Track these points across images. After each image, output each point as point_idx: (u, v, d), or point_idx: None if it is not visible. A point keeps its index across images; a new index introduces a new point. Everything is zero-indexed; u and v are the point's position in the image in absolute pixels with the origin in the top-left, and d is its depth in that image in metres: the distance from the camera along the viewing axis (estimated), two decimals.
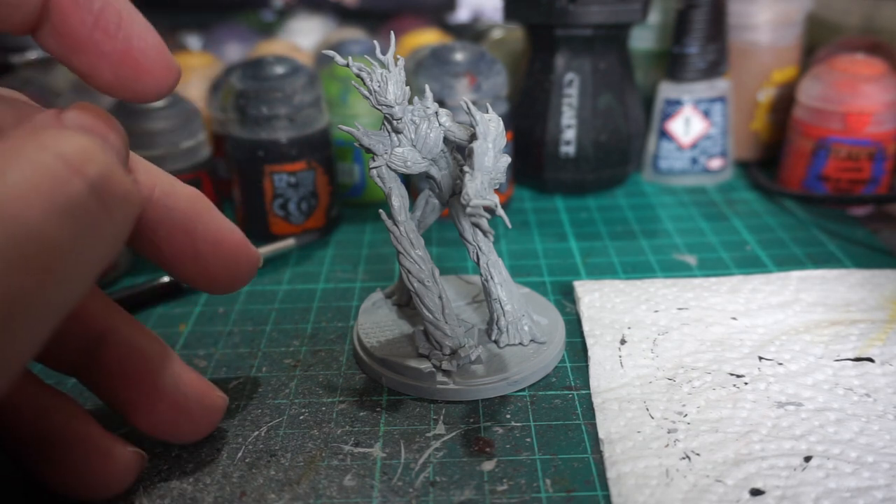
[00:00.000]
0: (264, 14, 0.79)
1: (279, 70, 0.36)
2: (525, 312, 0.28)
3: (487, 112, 0.24)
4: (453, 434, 0.24)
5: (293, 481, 0.23)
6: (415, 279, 0.26)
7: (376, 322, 0.30)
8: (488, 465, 0.23)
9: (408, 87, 0.25)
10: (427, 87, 0.26)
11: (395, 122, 0.25)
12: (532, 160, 0.44)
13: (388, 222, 0.26)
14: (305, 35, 0.70)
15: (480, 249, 0.26)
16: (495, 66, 0.39)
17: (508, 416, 0.25)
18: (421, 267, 0.26)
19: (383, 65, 0.25)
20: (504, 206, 0.42)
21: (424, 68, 0.39)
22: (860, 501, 0.21)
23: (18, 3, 0.19)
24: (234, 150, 0.37)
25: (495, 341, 0.28)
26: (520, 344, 0.28)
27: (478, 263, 0.27)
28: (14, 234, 0.15)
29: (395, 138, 0.26)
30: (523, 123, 0.43)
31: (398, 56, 0.25)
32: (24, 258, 0.15)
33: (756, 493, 0.21)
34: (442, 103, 0.38)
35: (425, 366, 0.26)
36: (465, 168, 0.23)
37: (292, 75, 0.37)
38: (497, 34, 0.54)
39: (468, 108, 0.24)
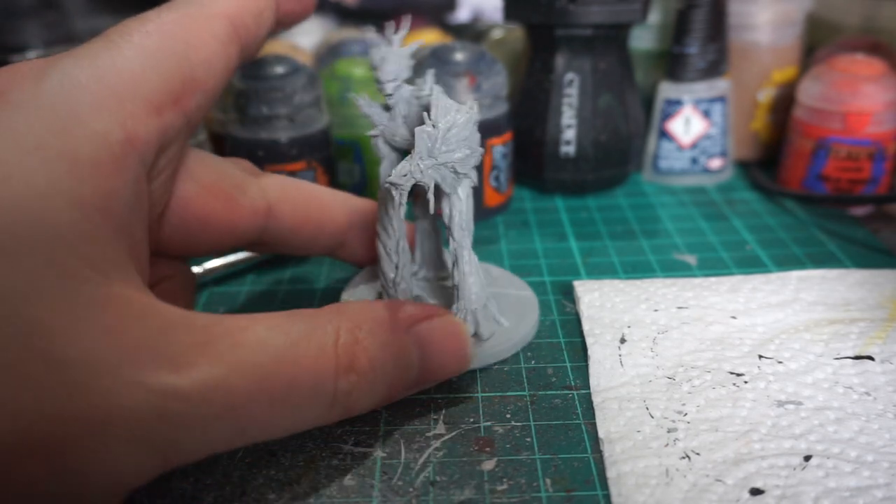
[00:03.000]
0: None
1: (279, 70, 0.36)
2: (482, 306, 0.28)
3: (466, 104, 0.25)
4: (453, 434, 0.24)
5: (293, 481, 0.23)
6: (381, 245, 0.28)
7: (366, 281, 0.32)
8: (488, 465, 0.23)
9: (408, 70, 0.26)
10: (431, 72, 0.27)
11: (385, 97, 0.26)
12: (532, 160, 0.44)
13: (379, 190, 0.28)
14: (305, 35, 0.69)
15: (452, 235, 0.27)
16: (495, 66, 0.39)
17: (508, 416, 0.25)
18: (389, 235, 0.28)
19: (389, 44, 0.26)
20: (504, 206, 0.42)
21: (424, 68, 0.39)
22: (860, 501, 0.21)
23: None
24: (234, 150, 0.37)
25: None
26: None
27: (449, 245, 0.28)
28: None
29: (390, 113, 0.27)
30: (523, 123, 0.43)
31: (419, 41, 0.27)
32: None
33: (756, 492, 0.21)
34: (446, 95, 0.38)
35: None
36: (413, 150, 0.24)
37: (292, 75, 0.37)
38: (497, 34, 0.54)
39: (433, 93, 0.25)
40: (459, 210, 0.26)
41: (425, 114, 0.24)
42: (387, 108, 0.27)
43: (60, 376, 0.16)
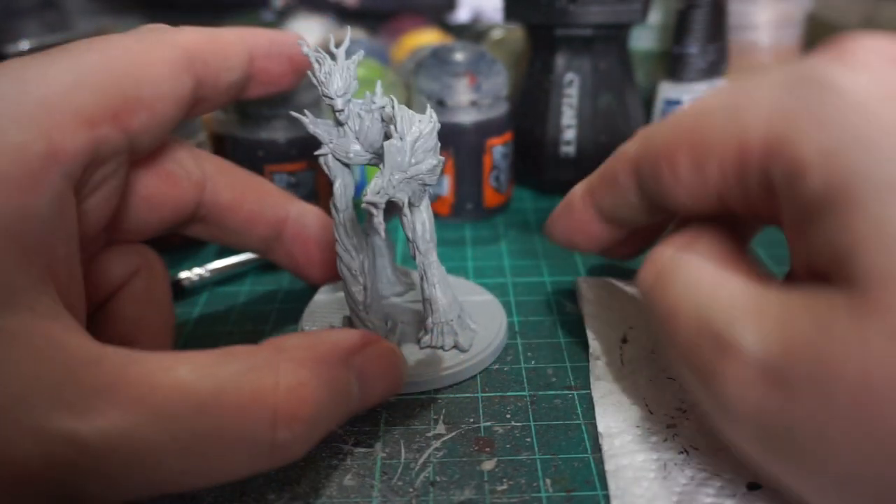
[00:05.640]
0: (264, 14, 0.79)
1: None
2: (456, 316, 0.27)
3: (426, 111, 0.25)
4: (453, 434, 0.24)
5: (293, 481, 0.23)
6: (345, 267, 0.27)
7: (327, 302, 0.31)
8: (488, 465, 0.23)
9: (356, 82, 0.26)
10: (378, 83, 0.26)
11: (336, 113, 0.26)
12: (532, 160, 0.44)
13: (331, 209, 0.27)
14: (305, 35, 0.69)
15: (418, 248, 0.26)
16: (495, 66, 0.39)
17: (508, 416, 0.25)
18: (352, 257, 0.27)
19: (334, 57, 0.26)
20: (504, 206, 0.42)
21: (424, 68, 0.39)
22: None
23: None
24: (234, 150, 0.37)
25: (419, 340, 0.28)
26: (441, 347, 0.28)
27: (415, 259, 0.27)
28: None
29: (341, 129, 0.26)
30: (523, 123, 0.43)
31: (359, 51, 0.26)
32: None
33: (753, 486, 0.21)
34: (442, 103, 0.38)
35: None
36: (380, 165, 0.24)
37: None
38: (497, 34, 0.54)
39: (393, 105, 0.24)
40: (422, 222, 0.26)
41: (392, 127, 0.24)
42: (339, 123, 0.26)
43: None
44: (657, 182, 0.22)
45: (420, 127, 0.24)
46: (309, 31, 0.71)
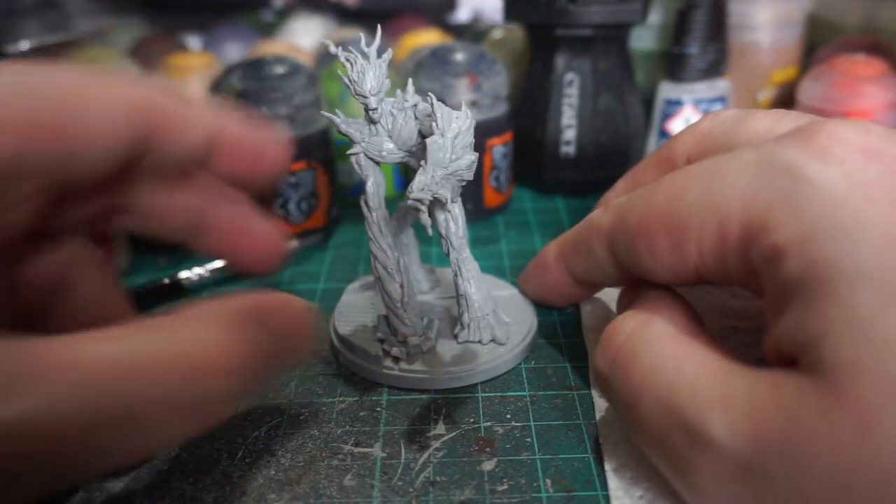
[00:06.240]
0: (264, 14, 0.79)
1: (279, 70, 0.36)
2: (491, 311, 0.28)
3: (460, 108, 0.25)
4: (453, 434, 0.24)
5: (293, 481, 0.23)
6: (380, 265, 0.27)
7: (356, 303, 0.31)
8: (488, 465, 0.23)
9: (388, 80, 0.25)
10: (410, 81, 0.26)
11: (370, 111, 0.26)
12: (532, 160, 0.44)
13: (364, 208, 0.27)
14: (305, 35, 0.69)
15: (451, 245, 0.27)
16: (495, 66, 0.39)
17: (508, 416, 0.25)
18: (387, 255, 0.27)
19: (366, 56, 0.25)
20: (504, 206, 0.42)
21: (424, 68, 0.39)
22: None
23: None
24: None
25: (455, 336, 0.28)
26: (478, 342, 0.28)
27: (448, 256, 0.27)
28: None
29: (373, 128, 0.26)
30: (523, 123, 0.43)
31: (388, 49, 0.26)
32: None
33: None
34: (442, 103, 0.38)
35: (376, 349, 0.27)
36: (421, 162, 0.24)
37: (292, 75, 0.37)
38: (497, 34, 0.54)
39: (431, 102, 0.24)
40: (455, 218, 0.26)
41: (433, 124, 0.24)
42: (371, 122, 0.26)
43: None
44: (634, 258, 0.23)
45: (459, 123, 0.24)
46: (309, 31, 0.71)
